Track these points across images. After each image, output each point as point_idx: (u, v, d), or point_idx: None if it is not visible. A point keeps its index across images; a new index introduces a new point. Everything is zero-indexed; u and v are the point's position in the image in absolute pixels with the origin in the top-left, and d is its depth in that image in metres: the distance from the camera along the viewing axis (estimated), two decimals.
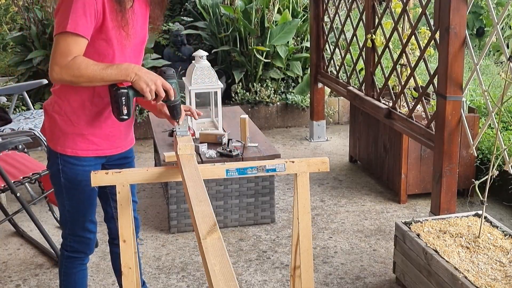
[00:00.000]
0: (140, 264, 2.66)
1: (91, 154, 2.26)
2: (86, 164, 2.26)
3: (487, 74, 5.81)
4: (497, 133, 2.91)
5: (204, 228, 1.56)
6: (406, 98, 3.74)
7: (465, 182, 3.94)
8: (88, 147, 2.24)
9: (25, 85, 4.64)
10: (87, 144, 2.24)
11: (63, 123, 2.21)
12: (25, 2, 5.79)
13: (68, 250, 2.41)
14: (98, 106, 2.22)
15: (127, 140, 2.38)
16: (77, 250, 2.41)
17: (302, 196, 2.19)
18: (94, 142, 2.25)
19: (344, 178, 4.51)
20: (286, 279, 3.14)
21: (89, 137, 2.24)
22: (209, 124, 4.10)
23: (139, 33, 2.24)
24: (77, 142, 2.22)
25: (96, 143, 2.25)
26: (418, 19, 3.43)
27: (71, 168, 2.24)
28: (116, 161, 2.37)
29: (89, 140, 2.24)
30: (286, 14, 5.78)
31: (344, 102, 5.86)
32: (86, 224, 2.37)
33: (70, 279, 2.45)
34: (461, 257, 2.64)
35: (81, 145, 2.23)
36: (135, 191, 2.58)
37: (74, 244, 2.40)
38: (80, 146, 2.23)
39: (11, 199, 3.96)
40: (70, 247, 2.41)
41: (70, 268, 2.44)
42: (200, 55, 3.83)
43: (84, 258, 2.45)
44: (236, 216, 3.70)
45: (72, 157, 2.24)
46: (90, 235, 2.41)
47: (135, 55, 2.26)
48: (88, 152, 2.25)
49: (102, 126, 2.25)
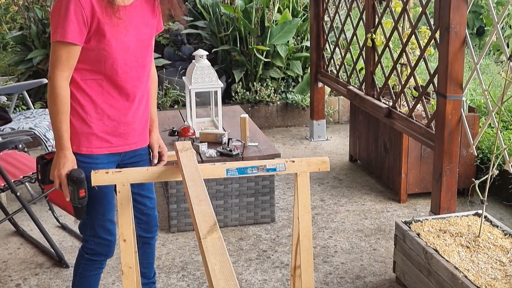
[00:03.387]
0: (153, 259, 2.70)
1: (105, 151, 2.30)
2: (100, 162, 2.29)
3: (487, 73, 5.81)
4: (497, 133, 2.91)
5: (204, 228, 1.56)
6: (406, 98, 3.74)
7: (465, 182, 3.95)
8: (102, 145, 2.28)
9: (25, 84, 4.64)
10: (100, 142, 2.28)
11: (77, 123, 2.24)
12: (25, 2, 5.79)
13: (89, 253, 2.40)
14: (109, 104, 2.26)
15: (141, 137, 2.40)
16: (98, 252, 2.40)
17: (302, 196, 2.20)
18: (107, 139, 2.29)
19: (344, 178, 4.52)
20: (286, 279, 3.14)
21: (102, 135, 2.27)
22: (209, 124, 4.10)
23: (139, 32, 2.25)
24: (91, 141, 2.26)
25: (109, 140, 2.29)
26: (418, 18, 3.43)
27: (86, 167, 2.25)
28: (130, 159, 2.40)
29: (102, 138, 2.28)
30: (286, 14, 5.78)
31: (344, 101, 5.86)
32: (105, 224, 2.37)
33: (85, 281, 2.45)
34: (461, 256, 2.64)
35: (95, 143, 2.27)
36: (153, 188, 2.59)
37: (96, 247, 2.39)
38: (95, 144, 2.27)
39: (11, 199, 3.96)
40: (91, 250, 2.40)
41: (88, 271, 2.43)
42: (200, 54, 3.83)
43: (103, 262, 2.45)
44: (236, 216, 3.70)
45: (87, 156, 2.27)
46: (111, 236, 2.40)
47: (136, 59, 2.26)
48: (102, 150, 2.29)
49: (114, 124, 2.29)
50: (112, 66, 2.20)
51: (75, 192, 2.17)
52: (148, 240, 2.60)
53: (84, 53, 2.16)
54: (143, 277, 2.64)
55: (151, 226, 2.58)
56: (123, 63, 2.21)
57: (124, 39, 2.18)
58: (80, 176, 2.17)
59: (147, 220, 2.55)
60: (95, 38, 2.14)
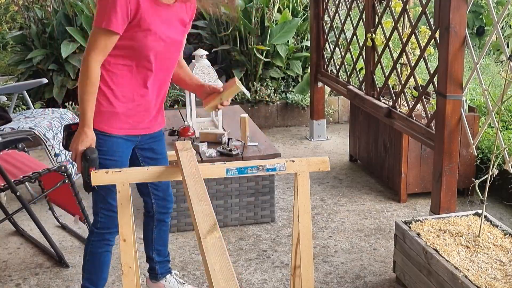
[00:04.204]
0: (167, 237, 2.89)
1: (124, 133, 2.45)
2: (119, 142, 2.45)
3: (487, 73, 5.81)
4: (497, 132, 2.91)
5: (204, 227, 1.56)
6: (406, 97, 3.74)
7: (465, 181, 3.95)
8: (123, 126, 2.44)
9: (25, 84, 4.64)
10: (121, 123, 2.43)
11: (103, 102, 2.38)
12: (25, 1, 5.79)
13: (98, 227, 2.54)
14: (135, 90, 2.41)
15: (156, 121, 2.58)
16: (106, 226, 2.54)
17: (302, 195, 2.20)
18: (128, 122, 2.44)
19: (344, 177, 4.52)
20: (286, 278, 3.14)
21: (124, 118, 2.42)
22: (209, 123, 4.09)
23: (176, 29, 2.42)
24: (113, 121, 2.41)
25: (130, 123, 2.45)
26: (418, 18, 3.43)
27: (104, 144, 2.41)
28: (147, 142, 2.59)
29: (123, 120, 2.43)
30: (286, 13, 5.78)
31: (344, 101, 5.86)
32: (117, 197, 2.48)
33: (95, 259, 2.59)
34: (461, 256, 2.64)
35: (116, 124, 2.42)
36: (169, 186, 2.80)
37: (106, 220, 2.53)
38: (116, 125, 2.42)
39: (11, 198, 3.96)
40: (100, 223, 2.54)
41: (97, 248, 2.57)
42: (200, 54, 3.83)
43: (111, 238, 2.57)
44: (236, 215, 3.70)
45: (107, 134, 2.42)
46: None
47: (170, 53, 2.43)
48: (122, 131, 2.44)
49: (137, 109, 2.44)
50: (147, 57, 2.36)
51: (86, 169, 2.32)
52: (164, 217, 2.79)
53: (121, 41, 2.31)
54: (159, 255, 2.86)
55: (168, 202, 2.77)
56: (158, 55, 2.38)
57: (162, 34, 2.35)
58: (93, 155, 2.33)
59: (163, 196, 2.74)
60: (136, 29, 2.29)
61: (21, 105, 5.29)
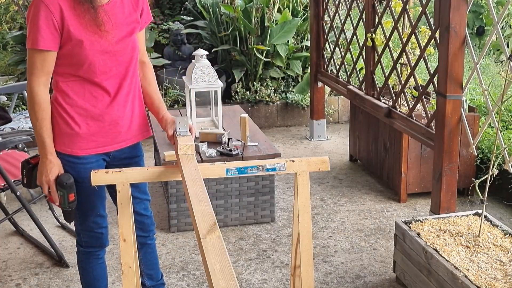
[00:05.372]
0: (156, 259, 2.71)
1: (91, 152, 2.28)
2: (87, 162, 2.28)
3: (487, 73, 5.81)
4: (497, 132, 2.91)
5: (204, 227, 1.56)
6: (406, 97, 3.74)
7: (465, 181, 3.95)
8: (87, 146, 2.26)
9: (25, 84, 4.63)
10: (86, 143, 2.25)
11: (62, 125, 2.23)
12: (25, 1, 5.79)
13: (83, 245, 2.48)
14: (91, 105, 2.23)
15: (129, 135, 2.35)
16: (91, 245, 2.47)
17: (302, 195, 2.20)
18: (92, 140, 2.26)
19: (344, 177, 4.52)
20: (286, 278, 3.14)
21: (87, 136, 2.25)
22: (209, 123, 4.09)
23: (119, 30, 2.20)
24: (76, 142, 2.24)
25: (94, 140, 2.27)
26: (418, 18, 3.43)
27: (73, 166, 2.27)
28: (122, 161, 2.37)
29: (87, 139, 2.25)
30: (286, 13, 5.78)
31: (344, 101, 5.86)
32: (95, 219, 2.42)
33: (89, 274, 2.52)
34: (461, 256, 2.64)
35: (80, 144, 2.25)
36: (147, 189, 2.58)
37: (88, 239, 2.46)
38: (80, 145, 2.25)
39: (11, 198, 3.96)
40: (84, 242, 2.47)
41: (87, 263, 2.50)
42: (200, 54, 3.82)
43: (99, 252, 2.50)
44: (236, 215, 3.70)
45: (73, 156, 2.26)
46: (101, 229, 2.46)
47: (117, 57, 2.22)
48: (88, 151, 2.27)
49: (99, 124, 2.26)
50: (89, 68, 2.17)
51: (65, 197, 2.22)
52: (146, 240, 2.61)
53: (60, 57, 2.15)
54: (151, 279, 2.67)
55: (147, 225, 2.59)
56: (101, 63, 2.18)
57: (100, 40, 2.15)
58: (69, 181, 2.21)
59: (141, 220, 2.55)
60: (69, 42, 2.12)
61: (21, 105, 5.29)
